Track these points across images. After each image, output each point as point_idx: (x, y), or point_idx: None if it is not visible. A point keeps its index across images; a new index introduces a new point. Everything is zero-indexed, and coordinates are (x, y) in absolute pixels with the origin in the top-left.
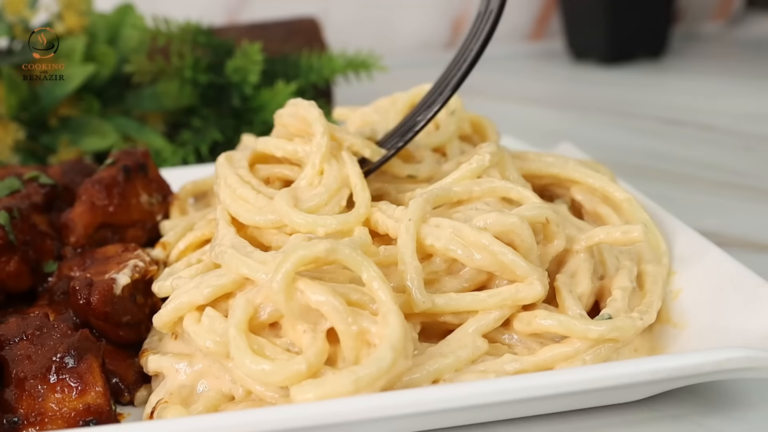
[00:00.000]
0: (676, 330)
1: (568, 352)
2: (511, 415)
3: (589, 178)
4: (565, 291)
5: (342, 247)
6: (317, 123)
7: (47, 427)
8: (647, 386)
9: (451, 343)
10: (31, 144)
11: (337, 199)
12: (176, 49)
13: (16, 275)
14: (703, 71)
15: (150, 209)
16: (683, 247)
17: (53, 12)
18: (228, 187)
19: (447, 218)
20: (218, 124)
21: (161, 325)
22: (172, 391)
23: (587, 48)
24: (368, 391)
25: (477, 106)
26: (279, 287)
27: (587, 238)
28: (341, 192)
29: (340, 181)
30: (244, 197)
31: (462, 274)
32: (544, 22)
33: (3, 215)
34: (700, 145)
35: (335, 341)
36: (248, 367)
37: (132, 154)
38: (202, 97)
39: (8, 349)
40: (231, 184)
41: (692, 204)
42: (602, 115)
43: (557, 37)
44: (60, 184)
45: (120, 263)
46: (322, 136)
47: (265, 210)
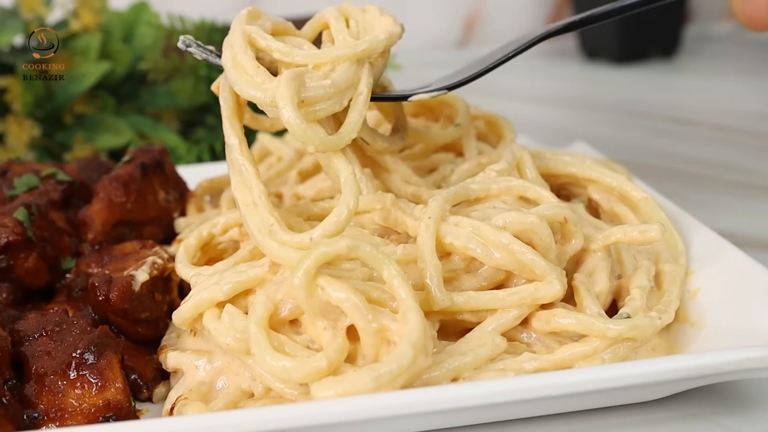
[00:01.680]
0: (694, 329)
1: (586, 351)
2: (529, 413)
3: (607, 178)
4: (583, 290)
5: (363, 244)
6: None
7: (67, 422)
8: (667, 385)
9: (470, 341)
10: (47, 141)
11: (339, 98)
12: None
13: (34, 271)
14: (717, 71)
15: (167, 206)
16: (701, 247)
17: (68, 9)
18: (230, 47)
19: (466, 217)
20: None
21: (181, 321)
22: (192, 387)
23: (599, 47)
24: (388, 388)
25: (488, 106)
26: (300, 284)
27: (604, 237)
28: (345, 93)
29: (348, 83)
30: (242, 65)
31: (480, 273)
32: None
33: (21, 212)
34: (714, 144)
35: (355, 339)
36: (269, 363)
37: (149, 152)
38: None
39: (28, 345)
40: (234, 45)
41: (706, 204)
42: (615, 115)
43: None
44: (77, 181)
45: (138, 260)
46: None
47: (265, 87)
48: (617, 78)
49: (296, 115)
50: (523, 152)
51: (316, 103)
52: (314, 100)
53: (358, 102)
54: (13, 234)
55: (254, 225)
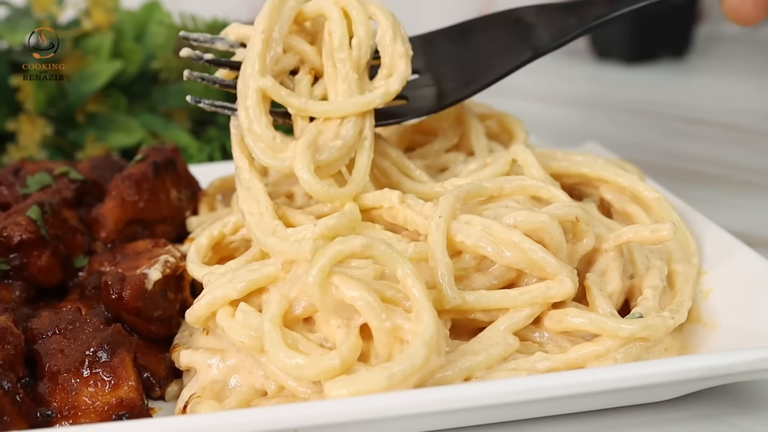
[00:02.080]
0: (707, 330)
1: (599, 351)
2: (541, 413)
3: (619, 177)
4: (596, 289)
5: (378, 243)
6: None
7: (80, 420)
8: (679, 385)
9: (482, 340)
10: (59, 140)
11: (348, 152)
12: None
13: (47, 269)
14: (728, 71)
15: (179, 205)
16: (713, 247)
17: (81, 9)
18: (246, 110)
19: (477, 215)
20: None
21: (194, 320)
22: (205, 386)
23: (610, 47)
24: (401, 387)
25: (499, 105)
26: (314, 281)
27: (616, 237)
28: (353, 146)
29: (356, 135)
30: (258, 134)
31: (491, 272)
32: None
33: (34, 210)
34: (725, 144)
35: (368, 338)
36: (282, 361)
37: (161, 150)
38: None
39: (41, 343)
40: (250, 109)
41: (717, 204)
42: (625, 115)
43: None
44: (89, 179)
45: (150, 258)
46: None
47: (282, 157)
48: (628, 78)
49: (314, 180)
50: (526, 153)
51: (330, 165)
52: (328, 162)
53: (364, 147)
54: (27, 232)
55: (258, 229)
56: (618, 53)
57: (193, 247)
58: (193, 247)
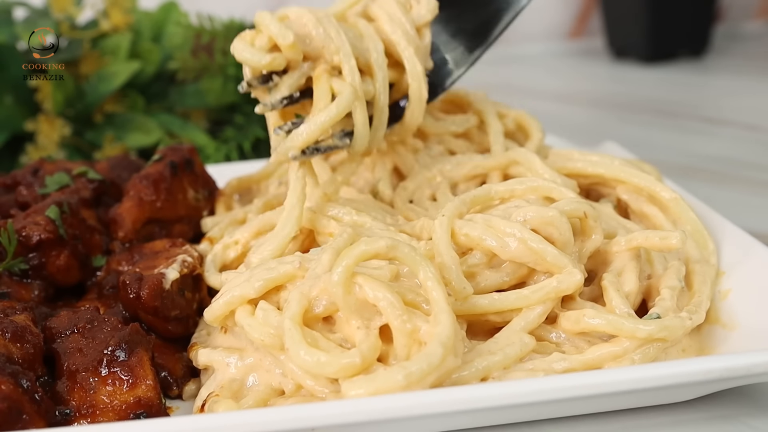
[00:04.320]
0: (725, 331)
1: (616, 352)
2: (558, 413)
3: (635, 178)
4: (613, 290)
5: (402, 245)
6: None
7: (98, 419)
8: (697, 386)
9: (498, 340)
10: (77, 140)
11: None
12: (220, 47)
13: (66, 269)
14: (746, 70)
15: (196, 205)
16: (732, 247)
17: (99, 9)
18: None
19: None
20: (261, 121)
21: (212, 318)
22: (223, 384)
23: (628, 46)
24: (419, 387)
25: (516, 105)
26: (339, 280)
27: (627, 241)
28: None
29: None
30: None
31: (503, 268)
32: (584, 20)
33: (53, 210)
34: (745, 144)
35: (386, 340)
36: (303, 358)
37: (178, 150)
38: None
39: (60, 342)
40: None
41: (735, 204)
42: (643, 114)
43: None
44: (107, 179)
45: (168, 258)
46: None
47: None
48: (646, 77)
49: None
50: (527, 154)
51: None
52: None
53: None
54: (45, 232)
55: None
56: (636, 53)
57: (210, 258)
58: (210, 258)
